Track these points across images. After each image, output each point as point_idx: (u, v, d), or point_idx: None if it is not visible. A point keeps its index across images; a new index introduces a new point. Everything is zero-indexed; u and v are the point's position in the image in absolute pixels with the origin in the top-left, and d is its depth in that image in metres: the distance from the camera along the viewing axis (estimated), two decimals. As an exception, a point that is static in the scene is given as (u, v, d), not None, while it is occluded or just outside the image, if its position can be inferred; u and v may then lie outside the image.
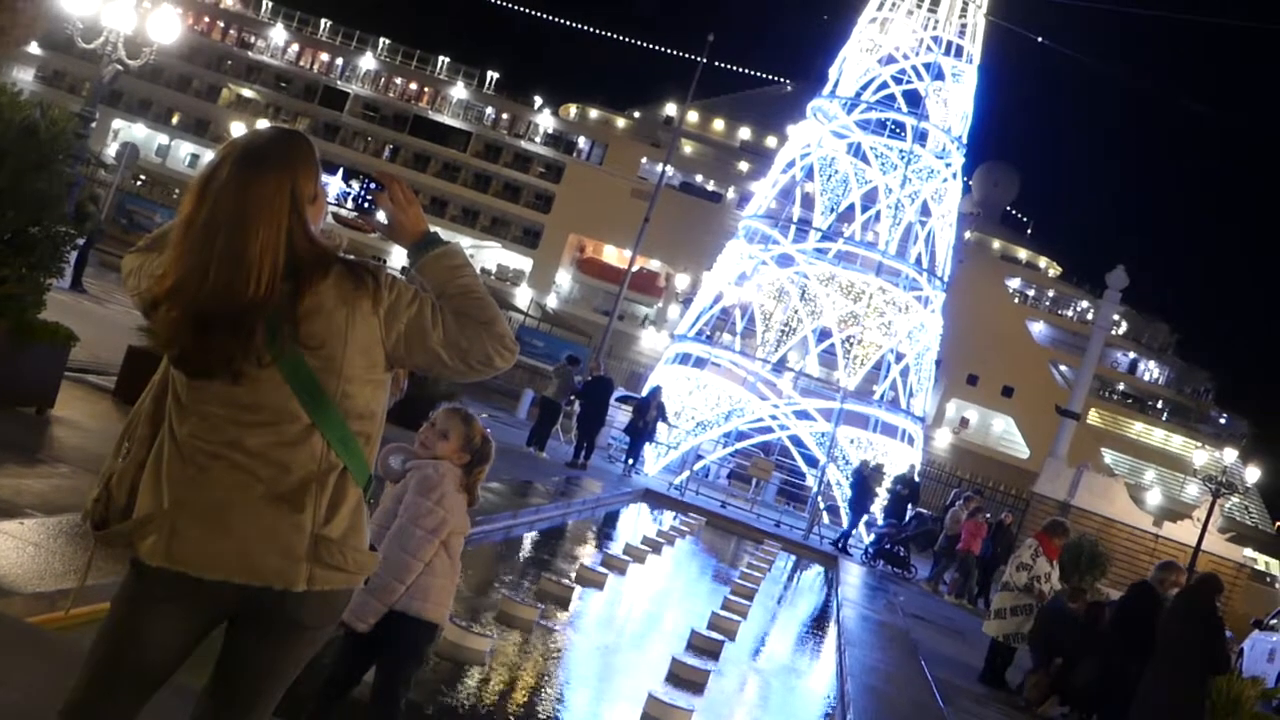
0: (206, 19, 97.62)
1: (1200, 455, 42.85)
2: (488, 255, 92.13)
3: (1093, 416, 77.23)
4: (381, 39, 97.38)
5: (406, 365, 3.46)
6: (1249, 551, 48.76)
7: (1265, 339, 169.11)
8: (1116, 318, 69.87)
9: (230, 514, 3.21)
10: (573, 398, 27.73)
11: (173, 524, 3.23)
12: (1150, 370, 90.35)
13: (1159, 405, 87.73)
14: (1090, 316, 75.01)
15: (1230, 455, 41.32)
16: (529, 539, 17.16)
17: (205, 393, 3.27)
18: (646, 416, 29.13)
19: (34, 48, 74.42)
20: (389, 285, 3.33)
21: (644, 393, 31.92)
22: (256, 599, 3.24)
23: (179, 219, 3.30)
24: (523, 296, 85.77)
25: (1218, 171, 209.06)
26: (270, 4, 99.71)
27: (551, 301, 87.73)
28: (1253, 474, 45.78)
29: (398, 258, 66.35)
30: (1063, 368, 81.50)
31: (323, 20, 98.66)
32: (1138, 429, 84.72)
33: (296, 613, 3.28)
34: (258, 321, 3.20)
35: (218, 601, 3.26)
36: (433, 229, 3.48)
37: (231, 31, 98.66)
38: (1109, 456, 79.90)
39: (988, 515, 26.31)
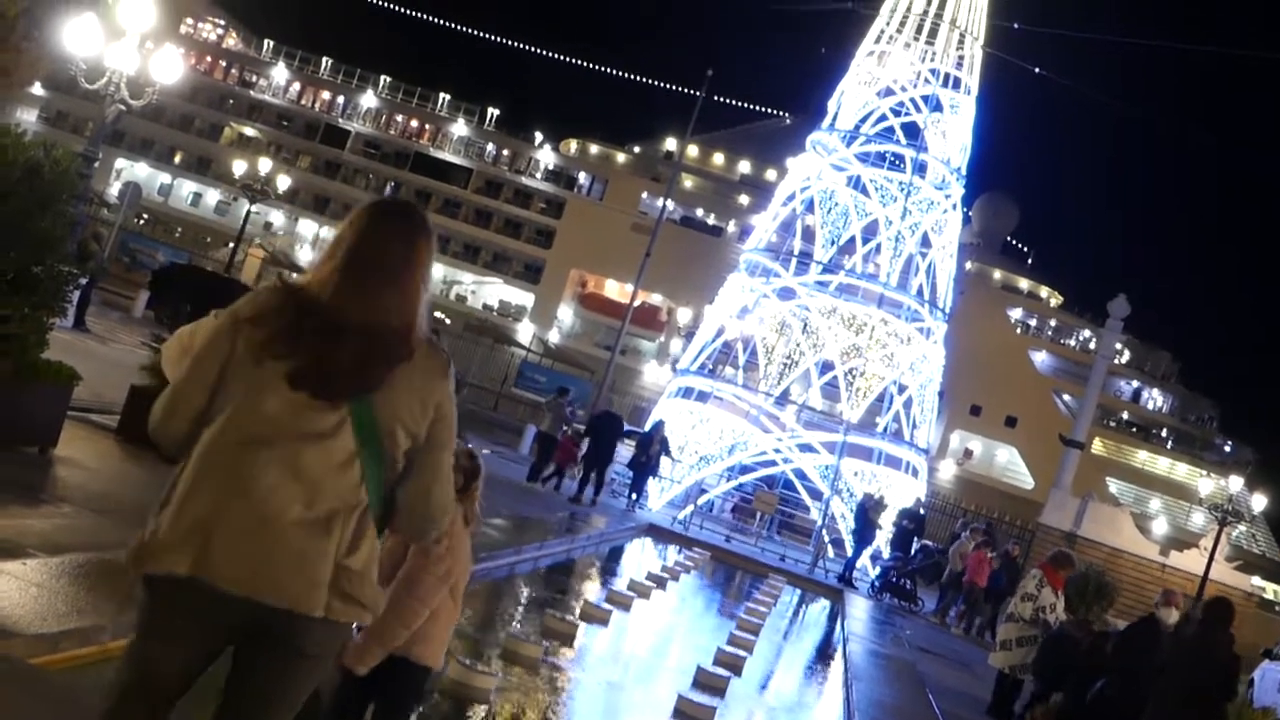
0: (209, 59, 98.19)
1: (1206, 483, 42.55)
2: (489, 291, 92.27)
3: (1097, 446, 77.10)
4: (383, 77, 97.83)
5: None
6: (1257, 580, 48.66)
7: (1269, 365, 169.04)
8: (1119, 346, 69.87)
9: (264, 535, 3.37)
10: (581, 430, 27.79)
11: (206, 537, 3.36)
12: (1154, 398, 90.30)
13: (1163, 433, 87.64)
14: (1092, 346, 74.95)
15: (1236, 483, 41.15)
16: (533, 575, 17.11)
17: (275, 413, 3.47)
18: (649, 451, 29.10)
19: (37, 88, 74.70)
20: (447, 407, 3.68)
21: (647, 427, 31.88)
22: (268, 620, 3.38)
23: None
24: (525, 332, 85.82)
25: (1218, 198, 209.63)
26: (272, 43, 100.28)
27: (553, 336, 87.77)
28: (1259, 502, 45.60)
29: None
30: (1066, 397, 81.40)
31: (324, 59, 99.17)
32: (1142, 458, 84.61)
33: (302, 639, 3.43)
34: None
35: (233, 617, 3.39)
36: None
37: (233, 71, 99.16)
38: (1114, 486, 79.76)
39: (993, 549, 26.17)
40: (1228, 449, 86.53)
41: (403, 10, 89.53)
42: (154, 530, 3.43)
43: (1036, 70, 47.36)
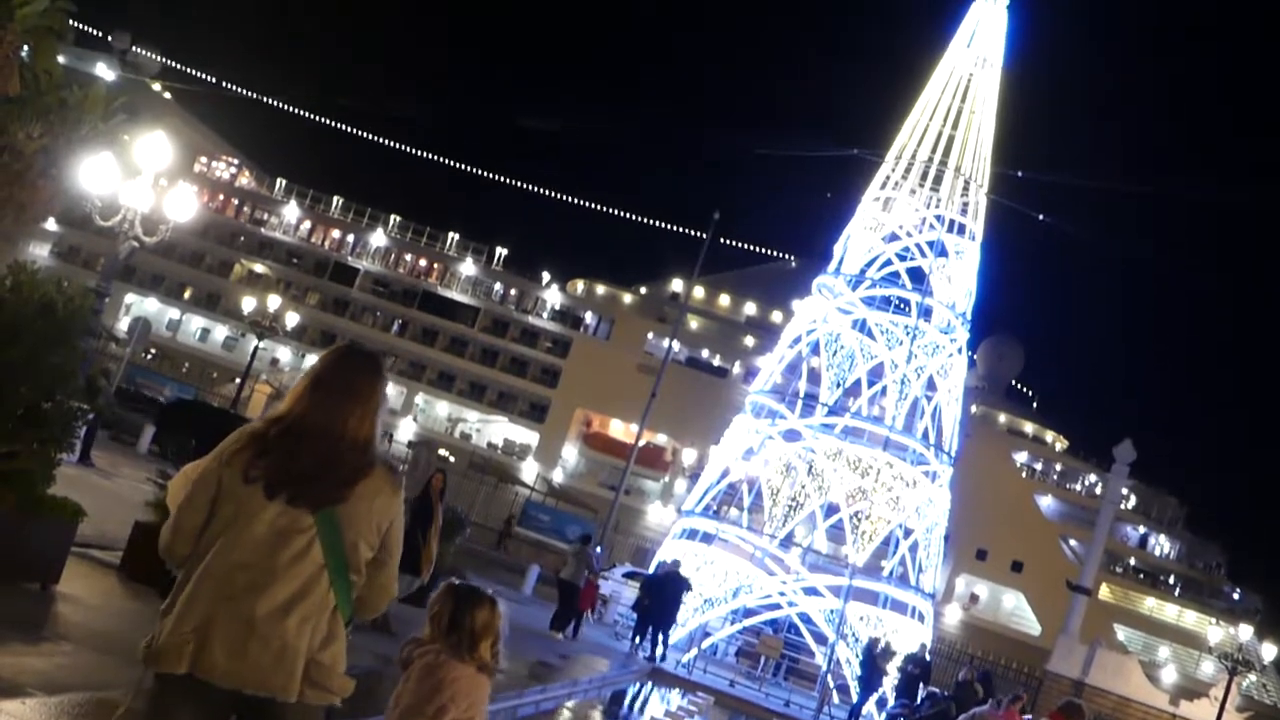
0: (221, 196, 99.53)
1: (1215, 631, 42.18)
2: (494, 429, 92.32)
3: (1104, 592, 76.49)
4: (392, 216, 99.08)
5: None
6: (1268, 731, 47.80)
7: (1277, 511, 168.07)
8: (1125, 491, 69.53)
9: (250, 638, 4.07)
10: (642, 587, 27.95)
11: (202, 641, 4.06)
12: (1160, 544, 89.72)
13: (1170, 580, 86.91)
14: (1099, 490, 74.73)
15: (1246, 632, 40.73)
16: (535, 719, 16.85)
17: (259, 539, 4.16)
18: (662, 595, 28.74)
19: (51, 223, 75.73)
20: (397, 522, 4.45)
21: (651, 569, 31.63)
22: (259, 704, 4.13)
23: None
24: (529, 471, 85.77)
25: (1224, 342, 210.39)
26: (284, 182, 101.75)
27: (558, 476, 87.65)
28: (1269, 651, 45.04)
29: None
30: (1072, 542, 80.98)
31: (335, 198, 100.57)
32: (1150, 604, 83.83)
33: (285, 714, 4.16)
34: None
35: (228, 702, 4.14)
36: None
37: (245, 209, 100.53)
38: (1122, 633, 78.92)
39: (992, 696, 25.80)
40: (1236, 596, 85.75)
41: (413, 151, 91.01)
42: (158, 635, 4.14)
43: (1040, 217, 47.99)
